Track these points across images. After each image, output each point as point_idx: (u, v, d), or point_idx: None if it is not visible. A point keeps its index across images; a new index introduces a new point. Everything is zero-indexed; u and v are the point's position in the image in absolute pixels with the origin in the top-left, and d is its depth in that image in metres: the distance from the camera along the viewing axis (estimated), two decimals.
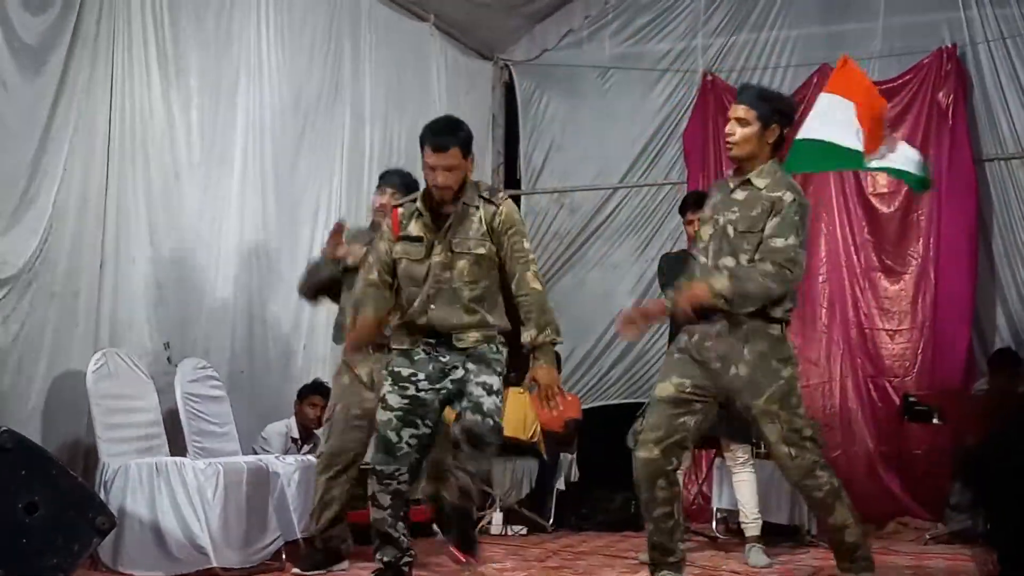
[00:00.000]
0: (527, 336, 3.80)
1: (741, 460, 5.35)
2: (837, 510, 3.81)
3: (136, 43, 5.16)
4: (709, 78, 7.67)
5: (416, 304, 3.86)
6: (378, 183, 4.92)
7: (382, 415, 3.88)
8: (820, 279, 7.29)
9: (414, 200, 3.94)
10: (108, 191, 5.01)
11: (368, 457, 4.14)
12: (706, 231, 3.88)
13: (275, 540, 4.84)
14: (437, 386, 3.88)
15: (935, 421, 6.42)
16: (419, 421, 3.87)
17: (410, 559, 4.02)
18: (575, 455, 7.15)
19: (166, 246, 5.33)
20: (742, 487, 5.33)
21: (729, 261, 3.76)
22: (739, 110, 3.83)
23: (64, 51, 4.75)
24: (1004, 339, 6.82)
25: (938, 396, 6.56)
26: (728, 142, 3.84)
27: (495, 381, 3.84)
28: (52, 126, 4.71)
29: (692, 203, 5.47)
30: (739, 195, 3.82)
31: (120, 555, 4.45)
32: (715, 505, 6.20)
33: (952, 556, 5.54)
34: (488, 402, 3.79)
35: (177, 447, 4.97)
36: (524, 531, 6.60)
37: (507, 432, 6.09)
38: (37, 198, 4.63)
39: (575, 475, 7.12)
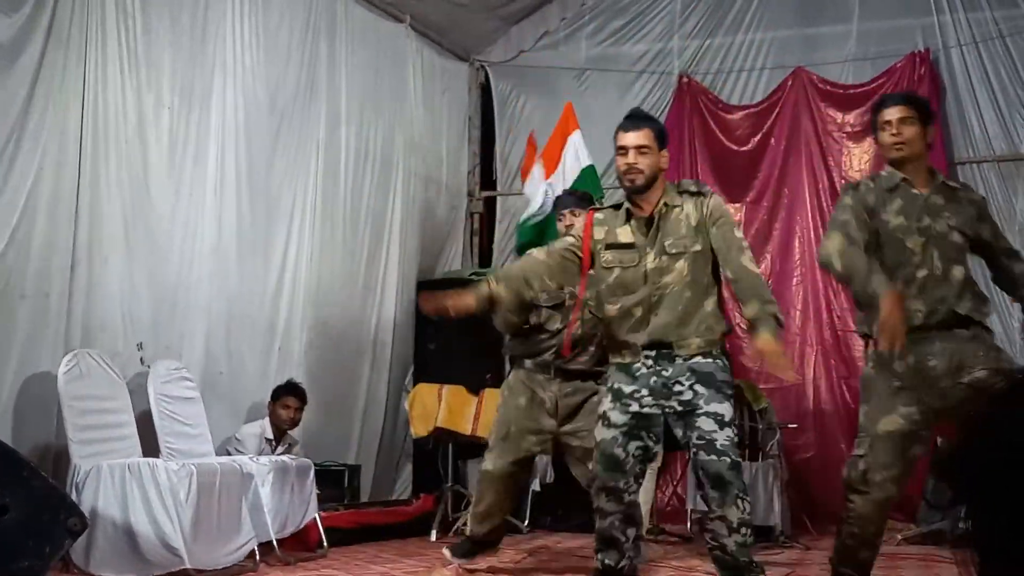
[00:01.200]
0: (750, 311, 3.61)
1: None
2: None
3: (110, 42, 5.16)
4: (685, 80, 7.73)
5: (637, 314, 3.73)
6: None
7: (605, 432, 3.76)
8: (794, 281, 7.35)
9: (618, 206, 3.84)
10: (80, 191, 5.00)
11: (590, 471, 3.97)
12: (914, 241, 3.70)
13: (249, 541, 4.83)
14: (663, 402, 3.71)
15: None
16: (644, 434, 3.74)
17: (630, 562, 3.91)
18: (551, 456, 7.16)
19: (140, 246, 5.33)
20: None
21: (960, 271, 3.70)
22: (899, 111, 3.73)
23: (37, 50, 4.75)
24: None
25: None
26: (898, 143, 3.69)
27: (727, 410, 3.65)
28: (24, 125, 4.71)
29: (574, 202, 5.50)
30: (939, 199, 3.73)
31: (92, 557, 4.43)
32: (689, 506, 6.26)
33: (924, 556, 5.60)
34: (721, 438, 3.62)
35: (150, 448, 4.95)
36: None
37: (480, 432, 6.15)
38: (8, 197, 4.62)
39: (550, 476, 7.13)
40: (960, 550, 5.47)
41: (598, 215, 3.87)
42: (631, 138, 3.73)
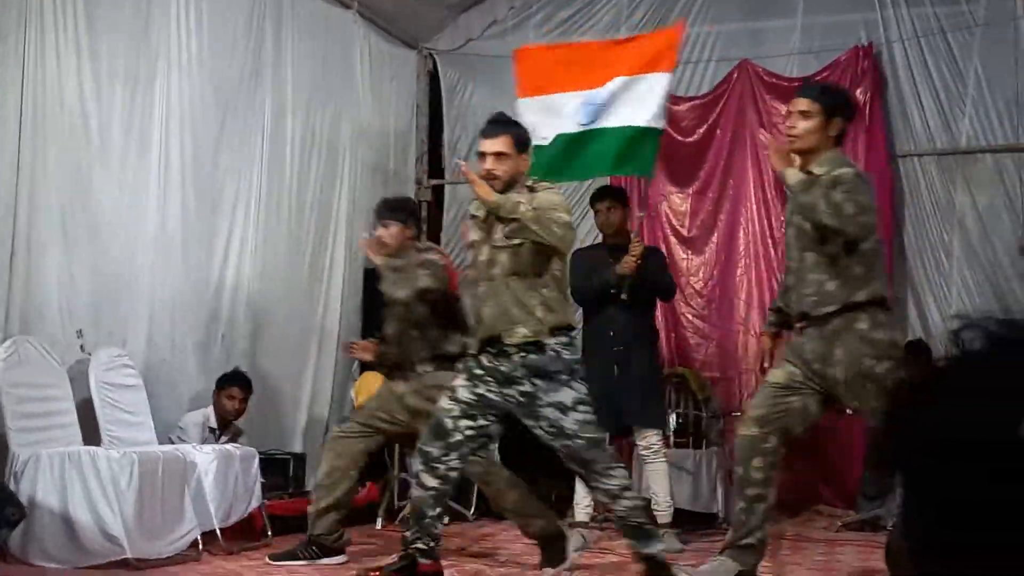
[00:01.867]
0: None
1: (654, 448, 5.47)
2: None
3: (48, 27, 5.11)
4: None
5: (474, 309, 3.97)
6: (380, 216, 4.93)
7: (445, 402, 3.95)
8: (739, 271, 7.44)
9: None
10: (20, 178, 4.96)
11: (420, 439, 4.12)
12: (788, 233, 4.01)
13: (191, 530, 4.84)
14: (505, 390, 3.90)
15: (848, 411, 6.57)
16: (480, 416, 3.92)
17: (436, 544, 4.12)
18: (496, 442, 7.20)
19: (81, 235, 5.30)
20: (655, 476, 5.44)
21: (811, 259, 3.92)
22: (799, 103, 3.90)
23: None
24: (915, 331, 7.03)
25: None
26: (789, 136, 3.88)
27: (567, 396, 3.84)
28: None
29: (604, 193, 5.70)
30: (801, 187, 3.89)
31: (30, 546, 4.42)
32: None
33: (862, 543, 5.72)
34: (568, 422, 3.83)
35: (91, 437, 4.94)
36: (446, 520, 6.63)
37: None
38: None
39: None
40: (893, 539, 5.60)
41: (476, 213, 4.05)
42: (489, 144, 3.89)
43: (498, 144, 3.87)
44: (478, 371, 3.92)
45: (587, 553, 5.28)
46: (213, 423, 5.78)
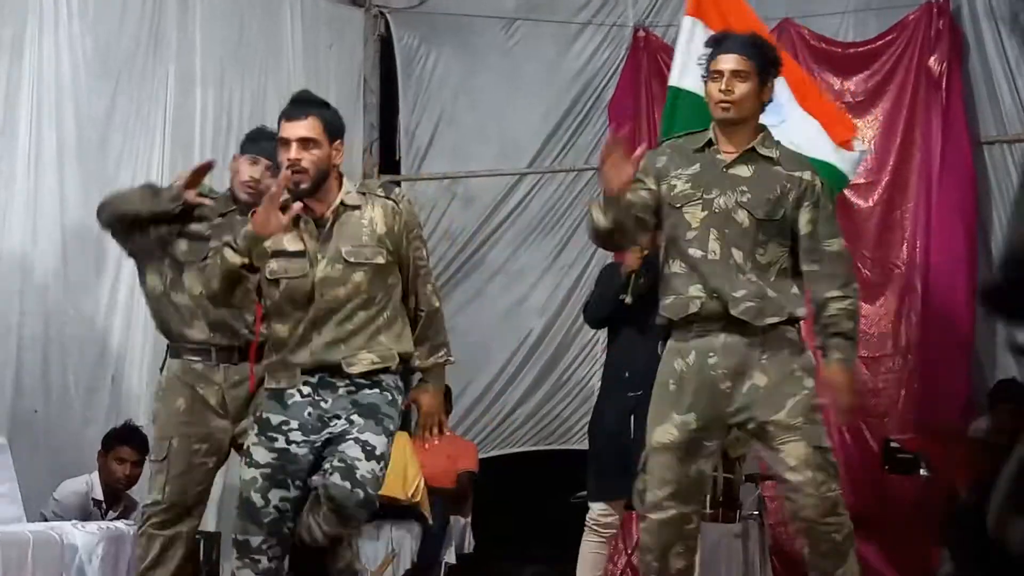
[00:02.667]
0: (419, 357, 4.13)
1: None
2: (850, 560, 3.97)
3: None
4: (641, 34, 7.75)
5: (299, 331, 3.99)
6: (243, 149, 4.86)
7: (246, 472, 4.00)
8: None
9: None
10: None
11: (232, 527, 4.18)
12: (694, 214, 4.01)
13: None
14: (312, 438, 3.99)
15: (922, 472, 6.55)
16: (290, 481, 3.97)
17: None
18: (470, 519, 7.15)
19: None
20: None
21: (740, 256, 3.98)
22: (732, 60, 4.00)
23: None
24: (1006, 369, 6.98)
25: (927, 441, 6.70)
26: (726, 101, 3.98)
27: (380, 443, 3.95)
28: None
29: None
30: (742, 170, 4.03)
31: None
32: None
33: None
34: (364, 469, 3.89)
35: None
36: None
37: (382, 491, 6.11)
38: None
39: (470, 544, 7.13)
40: None
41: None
42: (292, 128, 3.94)
43: (304, 128, 3.93)
44: (274, 419, 4.01)
45: None
46: (99, 494, 5.69)
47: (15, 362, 5.69)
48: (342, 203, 4.01)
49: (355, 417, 3.96)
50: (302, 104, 4.05)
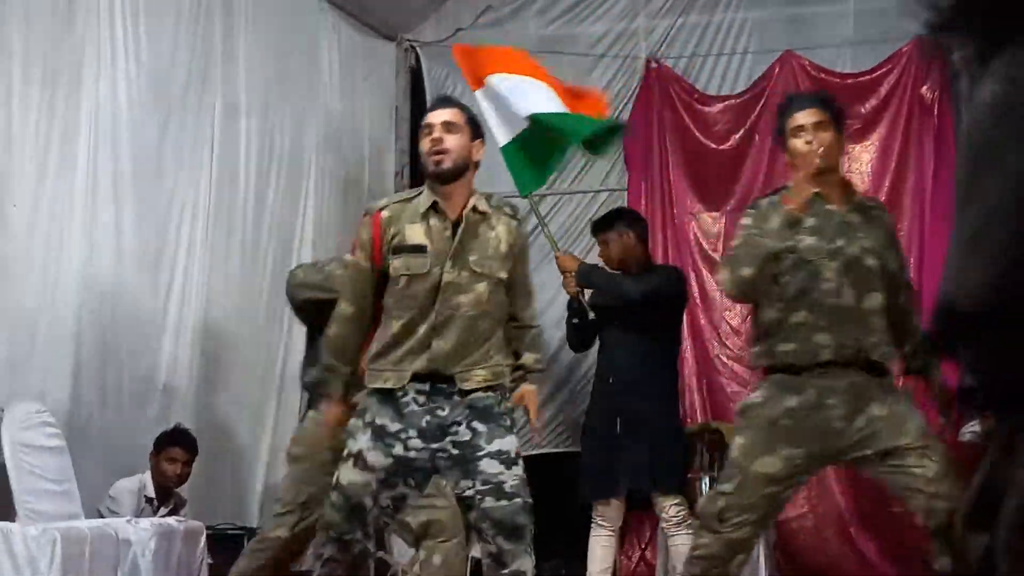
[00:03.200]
0: (525, 362, 4.03)
1: (676, 519, 5.49)
2: None
3: None
4: (653, 65, 7.81)
5: (418, 334, 3.83)
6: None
7: (355, 475, 3.80)
8: None
9: (408, 199, 3.97)
10: None
11: (327, 519, 3.99)
12: (825, 265, 3.99)
13: None
14: (433, 446, 3.80)
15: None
16: (401, 482, 3.83)
17: None
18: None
19: None
20: (681, 553, 5.45)
21: (877, 300, 3.99)
22: (815, 114, 4.04)
23: None
24: None
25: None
26: (816, 155, 3.97)
27: (510, 445, 3.80)
28: None
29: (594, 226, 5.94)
30: (854, 218, 4.04)
31: None
32: (659, 573, 6.36)
33: None
34: (509, 478, 3.74)
35: (4, 509, 4.96)
36: None
37: None
38: None
39: None
40: None
41: (385, 212, 3.95)
42: (438, 115, 3.92)
43: (449, 115, 3.92)
44: (390, 426, 3.83)
45: None
46: (151, 492, 5.80)
47: (72, 371, 5.73)
48: (474, 208, 3.89)
49: (477, 425, 3.79)
50: (447, 99, 4.13)
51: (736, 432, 4.18)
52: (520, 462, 3.79)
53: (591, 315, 5.49)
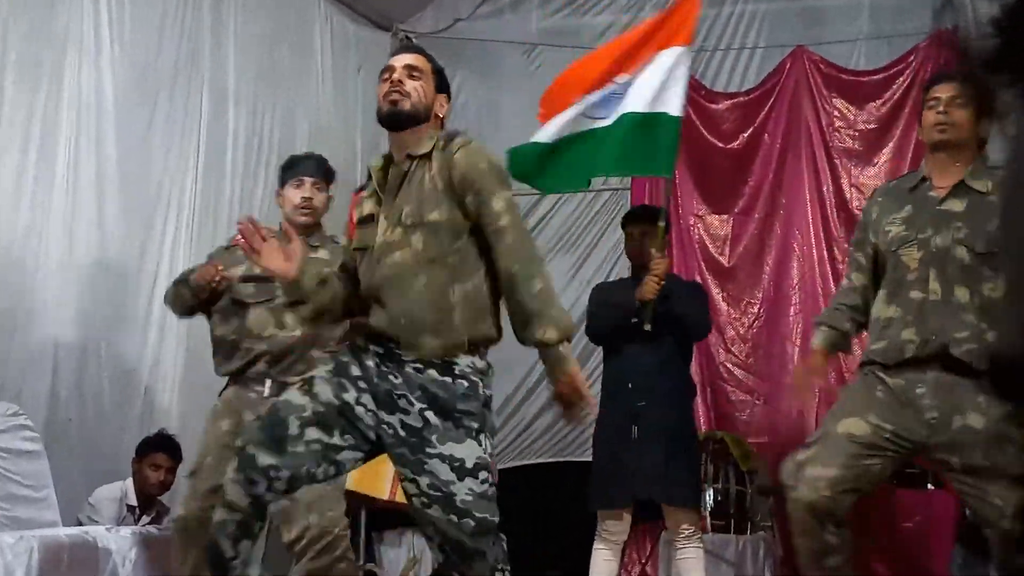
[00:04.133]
0: (536, 332, 3.38)
1: (686, 532, 5.41)
2: None
3: None
4: None
5: (370, 302, 3.52)
6: (281, 180, 4.91)
7: (296, 397, 3.43)
8: (792, 310, 7.43)
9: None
10: None
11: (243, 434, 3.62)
12: (911, 256, 3.92)
13: None
14: (381, 414, 3.42)
15: (930, 486, 6.55)
16: (336, 430, 3.40)
17: None
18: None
19: None
20: (688, 568, 5.38)
21: (965, 295, 3.84)
22: (950, 88, 3.97)
23: None
24: None
25: None
26: (941, 123, 3.94)
27: (469, 451, 3.35)
28: None
29: (639, 215, 5.69)
30: (956, 205, 3.92)
31: None
32: None
33: None
34: (461, 491, 3.33)
35: None
36: None
37: (400, 497, 6.09)
38: None
39: None
40: None
41: (365, 192, 3.73)
42: (401, 59, 3.65)
43: (413, 59, 3.65)
44: (354, 369, 3.47)
45: None
46: (133, 500, 5.74)
47: (51, 372, 5.67)
48: (409, 155, 3.55)
49: (430, 416, 3.36)
50: (411, 46, 3.82)
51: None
52: (482, 475, 3.36)
53: (648, 327, 5.34)
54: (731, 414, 7.33)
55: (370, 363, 3.46)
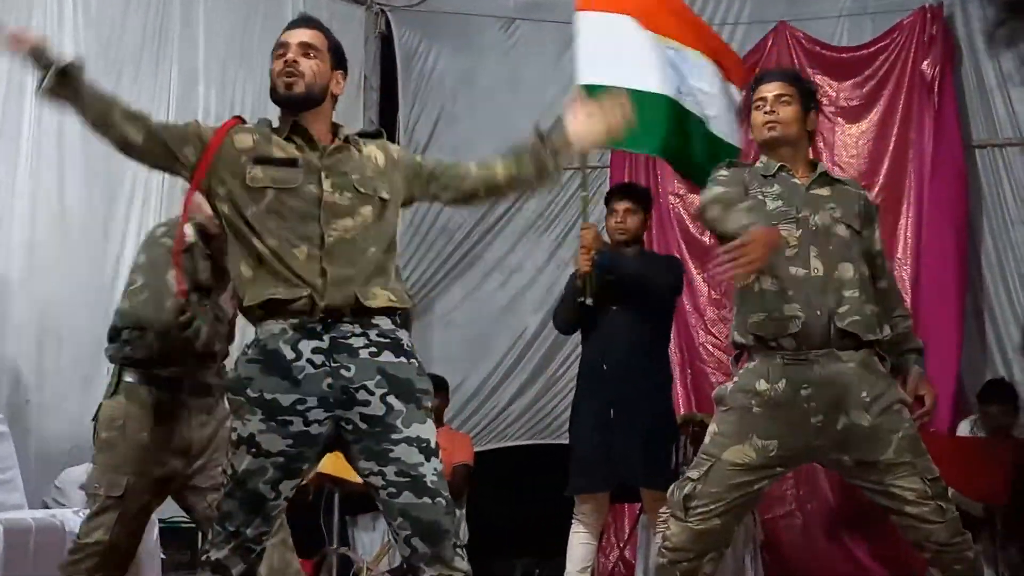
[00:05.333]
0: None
1: (665, 516, 5.44)
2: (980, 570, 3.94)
3: None
4: None
5: (301, 259, 3.34)
6: None
7: (250, 462, 3.32)
8: None
9: (269, 123, 3.50)
10: None
11: (217, 508, 3.52)
12: (790, 233, 3.97)
13: None
14: (337, 412, 3.33)
15: (937, 475, 6.56)
16: (305, 466, 3.38)
17: None
18: (464, 510, 7.20)
19: None
20: None
21: (849, 271, 3.95)
22: (777, 87, 4.09)
23: None
24: (995, 369, 7.03)
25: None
26: (770, 121, 4.04)
27: (430, 432, 3.36)
28: None
29: (626, 191, 5.74)
30: (823, 191, 4.05)
31: None
32: (639, 573, 6.34)
33: None
34: (429, 472, 3.33)
35: None
36: None
37: (338, 473, 6.08)
38: None
39: (464, 535, 7.16)
40: None
41: (241, 127, 3.55)
42: (296, 35, 3.51)
43: (308, 36, 3.50)
44: (285, 398, 3.32)
45: None
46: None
47: (14, 352, 5.71)
48: (335, 134, 3.52)
49: (392, 400, 3.33)
50: (308, 19, 3.68)
51: (713, 420, 4.14)
52: (438, 457, 3.38)
53: (589, 301, 5.39)
54: (710, 396, 7.34)
55: (310, 369, 3.32)
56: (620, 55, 5.49)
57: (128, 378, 4.44)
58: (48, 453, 5.80)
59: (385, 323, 3.42)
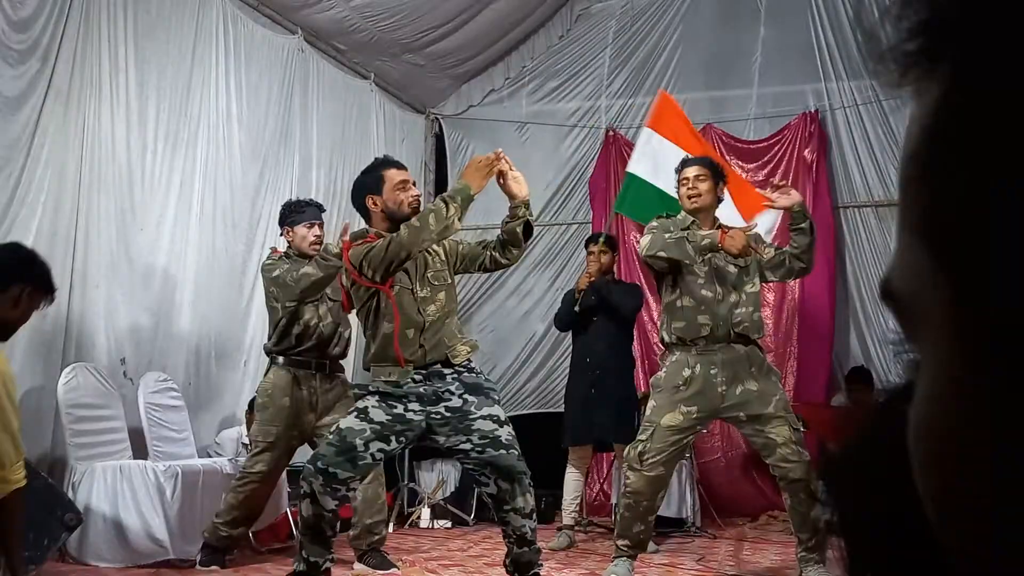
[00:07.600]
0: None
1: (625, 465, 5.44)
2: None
3: (104, 96, 5.10)
4: (611, 134, 7.79)
5: (410, 336, 3.41)
6: (293, 220, 4.67)
7: (355, 423, 3.34)
8: None
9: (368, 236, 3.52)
10: (78, 222, 4.95)
11: (318, 455, 3.43)
12: (700, 269, 4.04)
13: None
14: (428, 408, 3.39)
15: (800, 429, 6.54)
16: (394, 438, 3.36)
17: (331, 563, 3.51)
18: None
19: (126, 275, 5.26)
20: None
21: (739, 294, 4.06)
22: (696, 170, 4.08)
23: (40, 100, 4.70)
24: (857, 359, 7.03)
25: (803, 407, 6.73)
26: (692, 195, 4.03)
27: (499, 411, 3.44)
28: (28, 167, 4.65)
29: (598, 238, 5.74)
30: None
31: (86, 548, 4.39)
32: (614, 501, 6.29)
33: None
34: (504, 434, 3.37)
35: (140, 451, 4.90)
36: (449, 525, 6.61)
37: None
38: (17, 230, 4.55)
39: None
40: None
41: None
42: (406, 173, 3.72)
43: (409, 174, 3.78)
44: (395, 392, 3.40)
45: (571, 553, 5.27)
46: (246, 439, 5.66)
47: (188, 351, 5.66)
48: None
49: (468, 396, 3.40)
50: (401, 164, 3.79)
51: (651, 398, 4.19)
52: (509, 425, 3.43)
53: (577, 308, 5.43)
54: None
55: (411, 385, 3.38)
56: (656, 162, 5.45)
57: (276, 362, 4.60)
58: (210, 420, 5.79)
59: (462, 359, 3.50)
